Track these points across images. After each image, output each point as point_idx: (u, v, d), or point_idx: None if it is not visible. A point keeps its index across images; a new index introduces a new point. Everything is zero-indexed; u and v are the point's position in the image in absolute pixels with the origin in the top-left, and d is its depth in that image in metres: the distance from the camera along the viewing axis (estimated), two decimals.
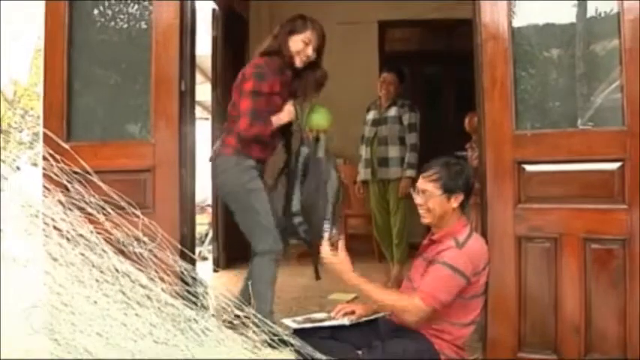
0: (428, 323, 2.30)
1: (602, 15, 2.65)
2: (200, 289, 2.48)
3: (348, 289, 4.24)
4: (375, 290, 2.31)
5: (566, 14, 2.72)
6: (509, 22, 2.71)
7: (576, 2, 2.68)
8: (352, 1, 6.23)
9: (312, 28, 2.96)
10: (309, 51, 2.96)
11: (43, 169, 2.55)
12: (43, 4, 3.05)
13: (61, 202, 2.30)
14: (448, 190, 2.35)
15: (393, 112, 4.49)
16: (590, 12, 2.68)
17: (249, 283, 2.82)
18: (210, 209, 5.63)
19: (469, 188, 2.41)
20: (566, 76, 2.75)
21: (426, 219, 2.41)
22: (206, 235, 5.92)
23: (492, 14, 2.72)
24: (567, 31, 2.72)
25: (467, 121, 4.76)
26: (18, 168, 3.01)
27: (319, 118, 3.07)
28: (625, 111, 2.53)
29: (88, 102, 3.08)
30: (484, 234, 2.67)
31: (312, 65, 3.02)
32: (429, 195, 2.36)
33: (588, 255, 2.57)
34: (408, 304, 2.24)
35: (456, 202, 2.36)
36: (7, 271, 2.38)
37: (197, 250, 3.73)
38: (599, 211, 2.57)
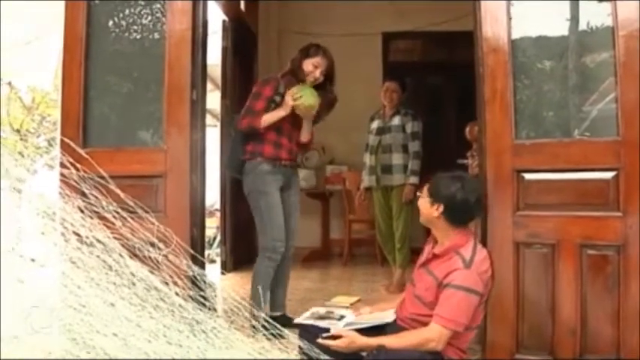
0: None
1: (597, 28, 2.74)
2: (209, 292, 2.59)
3: (351, 292, 4.37)
4: (393, 340, 2.26)
5: (561, 27, 2.81)
6: (509, 36, 2.79)
7: (569, 16, 2.78)
8: (357, 14, 6.35)
9: (322, 54, 3.42)
10: (318, 73, 3.39)
11: (62, 175, 2.63)
12: (44, 4, 3.14)
13: (79, 208, 2.38)
14: (431, 196, 2.39)
15: (396, 120, 4.58)
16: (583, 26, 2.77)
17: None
18: (218, 213, 5.72)
19: (453, 204, 2.35)
20: (562, 87, 2.82)
21: (420, 217, 2.49)
22: (214, 238, 6.00)
23: (493, 28, 2.81)
24: (563, 44, 2.81)
25: (468, 130, 4.84)
26: (35, 171, 3.11)
27: (307, 95, 3.32)
28: (619, 122, 2.61)
29: (103, 110, 3.19)
30: (484, 240, 2.74)
31: (323, 88, 3.41)
32: (422, 195, 2.45)
33: (584, 260, 2.65)
34: (429, 335, 2.23)
35: (436, 211, 2.36)
36: (26, 270, 2.47)
37: (206, 252, 3.81)
38: (594, 218, 2.65)
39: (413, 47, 7.01)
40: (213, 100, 5.46)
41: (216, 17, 5.06)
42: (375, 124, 4.72)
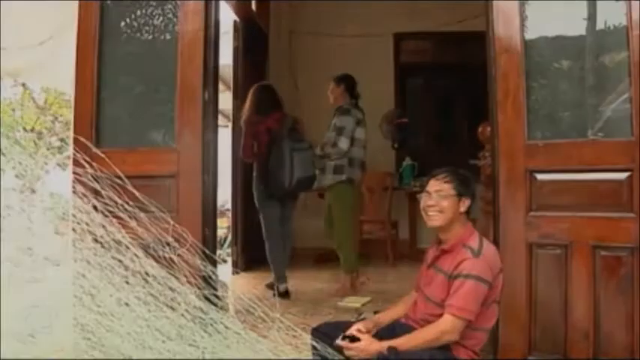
0: None
1: (612, 28, 2.72)
2: (222, 291, 2.60)
3: (361, 293, 4.37)
4: (408, 339, 2.25)
5: (576, 27, 2.79)
6: (522, 36, 2.78)
7: (586, 15, 2.76)
8: (368, 14, 6.34)
9: None
10: None
11: (76, 174, 2.65)
12: (58, 4, 3.16)
13: (95, 207, 2.40)
14: (459, 193, 2.36)
15: (334, 119, 4.51)
16: (600, 25, 2.75)
17: None
18: (229, 213, 5.72)
19: (474, 197, 2.42)
20: (576, 87, 2.81)
21: (436, 221, 2.37)
22: (225, 238, 6.01)
23: (505, 28, 2.80)
24: (577, 44, 2.79)
25: (480, 130, 4.81)
26: (47, 171, 3.14)
27: None
28: (633, 122, 2.59)
29: (116, 110, 3.20)
30: (496, 241, 2.74)
31: None
32: (444, 195, 2.36)
33: (597, 262, 2.63)
34: (443, 328, 2.23)
35: (463, 206, 2.36)
36: (41, 270, 2.49)
37: (217, 252, 3.83)
38: (608, 219, 2.63)
39: (424, 48, 6.98)
40: (225, 100, 5.47)
41: (227, 17, 5.08)
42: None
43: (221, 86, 5.15)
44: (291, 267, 5.07)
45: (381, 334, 2.40)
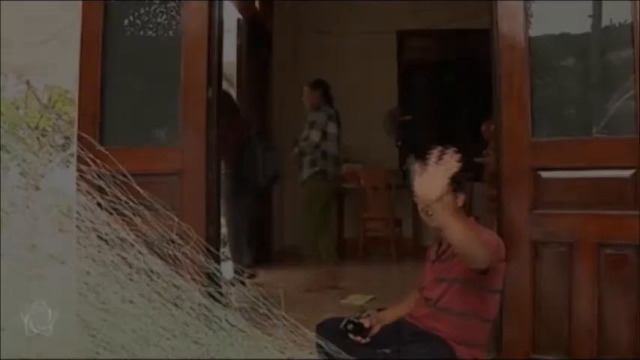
0: (457, 318, 2.32)
1: (617, 25, 2.71)
2: (225, 289, 2.60)
3: (365, 291, 4.37)
4: (457, 226, 2.11)
5: (581, 24, 2.78)
6: (526, 33, 2.78)
7: (591, 12, 2.75)
8: (371, 12, 6.33)
9: None
10: None
11: (80, 171, 2.65)
12: (62, 2, 3.16)
13: (99, 204, 2.40)
14: (454, 189, 2.33)
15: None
16: (605, 22, 2.74)
17: None
18: None
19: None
20: (580, 84, 2.81)
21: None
22: None
23: (509, 25, 2.79)
24: (582, 41, 2.79)
25: (483, 128, 4.82)
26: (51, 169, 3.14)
27: None
28: (638, 119, 2.58)
29: (120, 108, 3.19)
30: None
31: None
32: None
33: (602, 260, 2.62)
34: (484, 248, 2.14)
35: (460, 201, 2.37)
36: (45, 267, 2.49)
37: (220, 250, 3.83)
38: (612, 217, 2.62)
39: (428, 45, 6.98)
40: None
41: (230, 16, 5.08)
42: None
43: (224, 84, 5.17)
44: (293, 265, 5.09)
45: (385, 332, 2.41)
